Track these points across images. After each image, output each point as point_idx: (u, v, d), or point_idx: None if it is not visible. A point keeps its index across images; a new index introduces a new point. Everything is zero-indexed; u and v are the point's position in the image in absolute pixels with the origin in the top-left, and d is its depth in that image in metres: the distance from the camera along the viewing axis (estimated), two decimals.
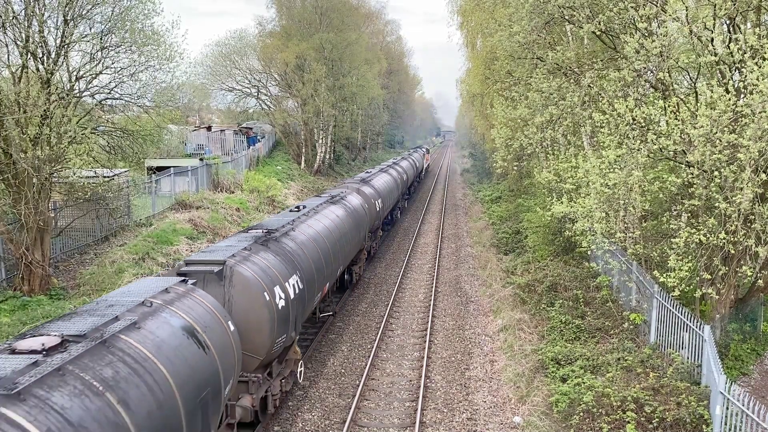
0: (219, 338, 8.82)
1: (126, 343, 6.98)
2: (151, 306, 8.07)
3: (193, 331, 8.23)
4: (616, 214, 15.00)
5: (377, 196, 26.74)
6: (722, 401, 9.45)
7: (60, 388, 5.78)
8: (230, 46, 51.21)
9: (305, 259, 14.06)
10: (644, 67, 14.55)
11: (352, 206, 21.39)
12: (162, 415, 6.80)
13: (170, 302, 8.51)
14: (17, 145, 15.73)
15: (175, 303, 8.56)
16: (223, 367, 8.62)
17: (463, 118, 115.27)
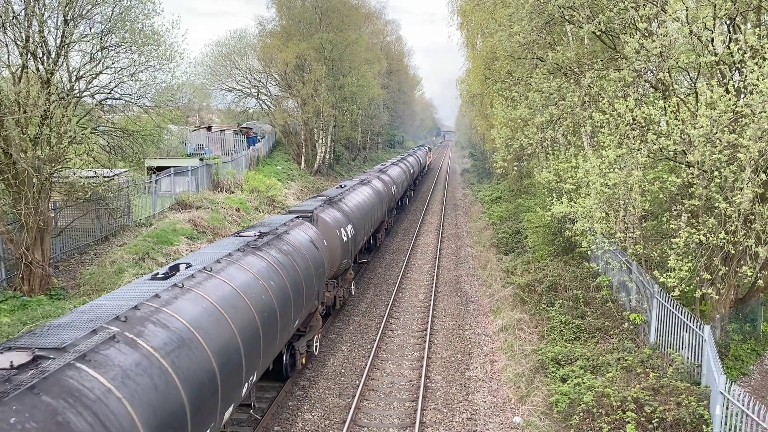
0: (322, 247, 15.92)
1: (294, 235, 14.61)
2: (292, 225, 15.39)
3: (311, 240, 15.43)
4: (616, 214, 15.01)
5: (392, 183, 33.05)
6: (722, 401, 9.45)
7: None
8: (230, 46, 51.28)
9: (353, 216, 20.43)
10: (644, 67, 14.55)
11: (377, 188, 27.87)
12: (311, 270, 14.03)
13: (298, 224, 15.76)
14: (17, 145, 15.73)
15: (300, 225, 15.72)
16: (325, 261, 15.78)
17: (463, 118, 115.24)
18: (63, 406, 5.50)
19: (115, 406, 6.05)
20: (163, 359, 7.17)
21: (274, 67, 51.08)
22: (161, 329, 7.64)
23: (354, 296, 21.56)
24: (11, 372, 5.68)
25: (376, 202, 26.14)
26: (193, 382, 7.51)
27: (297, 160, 52.25)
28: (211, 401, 8.06)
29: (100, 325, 7.06)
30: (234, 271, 10.59)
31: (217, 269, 10.31)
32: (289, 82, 50.83)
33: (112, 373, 6.33)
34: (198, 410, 7.54)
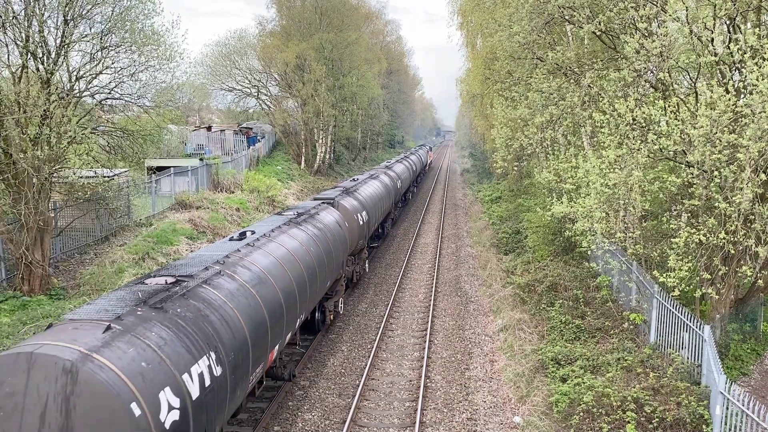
0: (344, 227, 19.12)
1: (323, 216, 17.61)
2: (320, 208, 18.46)
3: (336, 221, 18.52)
4: (616, 214, 15.02)
5: (398, 179, 37.22)
6: (722, 401, 9.45)
7: None
8: (230, 46, 51.27)
9: (367, 204, 23.61)
10: (644, 67, 14.55)
11: (385, 182, 30.95)
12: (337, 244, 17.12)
13: (324, 208, 18.80)
14: (17, 145, 15.73)
15: (326, 209, 18.88)
16: (347, 238, 19.13)
17: (463, 118, 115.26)
18: (203, 306, 8.73)
19: (230, 311, 9.26)
20: (252, 288, 10.48)
21: (274, 67, 51.07)
22: (246, 270, 10.97)
23: (354, 296, 21.57)
24: (167, 286, 8.96)
25: (384, 195, 29.40)
26: (270, 307, 10.79)
27: (297, 160, 52.24)
28: (280, 323, 11.32)
29: (208, 265, 10.33)
30: (285, 238, 13.96)
31: (274, 236, 13.70)
32: (289, 82, 50.83)
33: (224, 292, 9.56)
34: (273, 327, 10.86)
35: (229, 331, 8.93)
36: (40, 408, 6.15)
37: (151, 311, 7.78)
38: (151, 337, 7.23)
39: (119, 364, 6.46)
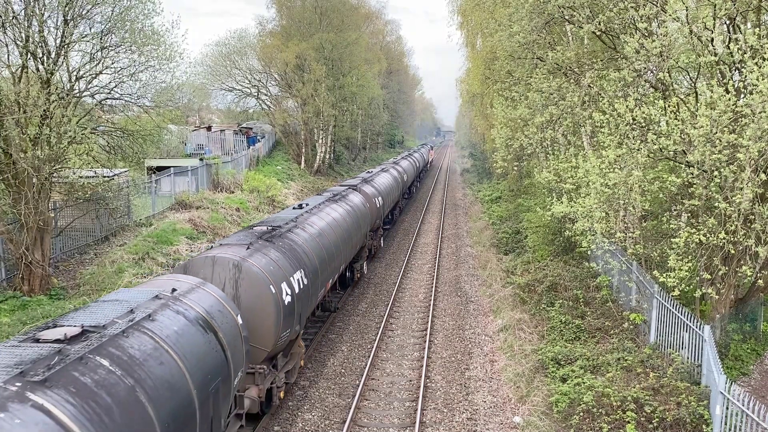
0: (366, 207, 23.21)
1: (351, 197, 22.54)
2: (347, 192, 23.24)
3: (361, 201, 23.24)
4: (616, 214, 15.02)
5: (404, 172, 42.32)
6: (722, 401, 9.45)
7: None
8: (230, 46, 51.24)
9: (381, 191, 28.88)
10: (644, 67, 14.55)
11: (394, 175, 36.65)
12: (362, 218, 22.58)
13: (351, 192, 23.65)
14: (17, 145, 15.73)
15: (352, 193, 23.65)
16: (368, 215, 23.51)
17: (463, 118, 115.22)
18: (292, 243, 13.83)
19: (306, 249, 14.37)
20: (316, 238, 15.72)
21: (274, 67, 51.05)
22: (310, 226, 16.13)
23: (354, 296, 21.58)
24: (270, 230, 14.13)
25: (394, 185, 34.82)
26: (326, 252, 16.02)
27: (297, 160, 52.24)
28: (330, 266, 16.32)
29: (288, 221, 15.47)
30: (329, 210, 19.16)
31: (322, 207, 19.03)
32: (289, 82, 50.82)
33: (300, 239, 14.61)
34: (328, 266, 15.99)
35: (308, 260, 14.18)
36: (221, 285, 11.13)
37: (266, 242, 12.95)
38: (270, 254, 12.41)
39: (260, 264, 11.74)
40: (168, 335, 7.55)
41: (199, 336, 8.24)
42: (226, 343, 8.85)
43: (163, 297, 8.50)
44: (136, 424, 6.12)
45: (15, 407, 5.09)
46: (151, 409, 6.41)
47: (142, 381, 6.53)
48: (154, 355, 7.04)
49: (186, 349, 7.68)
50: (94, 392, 5.84)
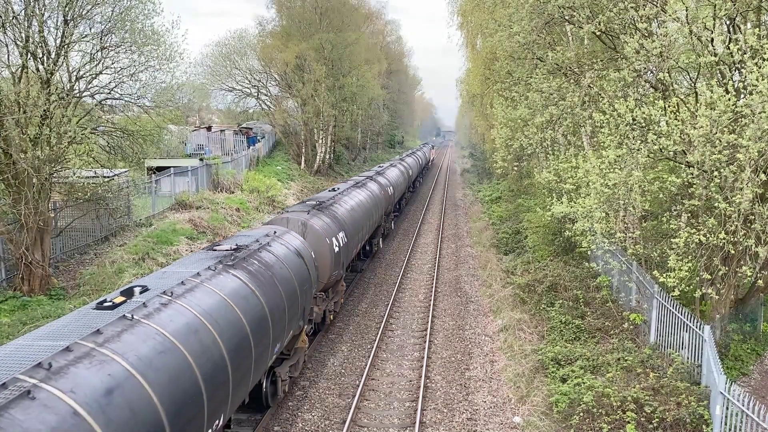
0: (382, 192, 28.22)
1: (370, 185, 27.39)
2: (367, 181, 28.01)
3: (377, 188, 28.21)
4: (616, 214, 15.01)
5: (409, 168, 47.43)
6: (722, 401, 9.45)
7: None
8: (230, 46, 51.26)
9: (392, 183, 33.60)
10: (644, 67, 14.55)
11: (401, 169, 41.52)
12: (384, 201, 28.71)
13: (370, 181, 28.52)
14: (17, 145, 15.72)
15: (370, 182, 28.12)
16: (387, 200, 30.04)
17: (463, 118, 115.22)
18: (335, 212, 18.76)
19: (347, 217, 19.67)
20: (349, 212, 20.26)
21: (274, 67, 51.06)
22: (345, 204, 20.64)
23: (354, 296, 21.58)
24: (315, 204, 18.21)
25: (401, 178, 40.22)
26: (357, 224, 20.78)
27: (297, 160, 52.23)
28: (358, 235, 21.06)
29: (327, 200, 19.40)
30: (356, 193, 23.60)
31: (350, 191, 23.28)
32: (289, 82, 50.82)
33: (340, 211, 19.25)
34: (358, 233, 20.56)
35: (346, 225, 18.86)
36: None
37: (318, 211, 17.49)
38: (323, 218, 17.13)
39: (318, 224, 16.57)
40: (279, 255, 12.59)
41: (295, 259, 13.29)
42: (309, 266, 13.93)
43: (271, 235, 13.49)
44: (274, 293, 11.23)
45: (224, 275, 10.18)
46: (281, 288, 11.65)
47: (275, 274, 11.79)
48: (276, 264, 12.15)
49: (290, 264, 12.81)
50: (255, 273, 10.99)
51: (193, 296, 8.83)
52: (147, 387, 6.62)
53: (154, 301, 8.17)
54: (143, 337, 7.20)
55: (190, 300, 8.64)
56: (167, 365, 7.18)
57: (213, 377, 8.01)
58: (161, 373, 6.99)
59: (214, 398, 8.01)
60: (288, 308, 11.81)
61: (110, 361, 6.48)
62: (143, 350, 6.99)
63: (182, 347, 7.58)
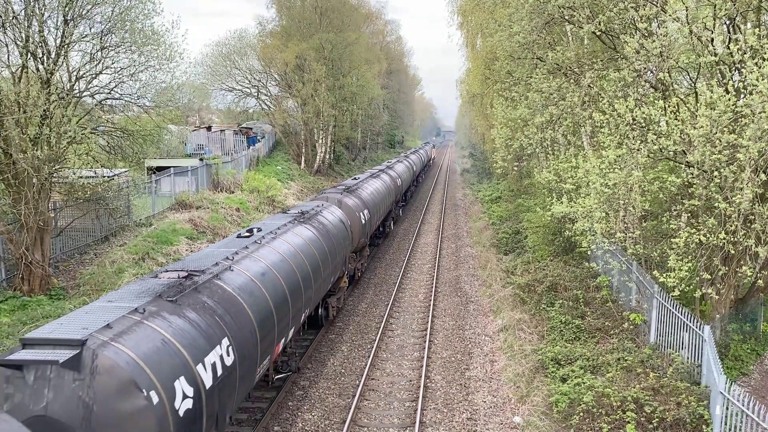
0: (395, 182, 35.80)
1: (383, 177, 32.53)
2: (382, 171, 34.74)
3: (389, 179, 33.79)
4: (616, 214, 15.01)
5: (413, 164, 52.94)
6: (722, 401, 9.45)
7: None
8: (230, 46, 51.23)
9: (400, 176, 39.06)
10: (644, 67, 14.55)
11: (407, 165, 46.81)
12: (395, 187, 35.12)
13: (384, 172, 34.93)
14: (17, 145, 15.72)
15: (385, 173, 34.80)
16: (397, 188, 36.03)
17: (463, 118, 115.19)
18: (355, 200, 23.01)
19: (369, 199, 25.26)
20: (371, 196, 25.86)
21: (274, 67, 51.04)
22: (364, 190, 25.66)
23: (354, 296, 21.58)
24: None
25: (408, 173, 45.39)
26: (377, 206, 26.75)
27: (297, 160, 52.23)
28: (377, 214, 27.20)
29: (353, 186, 25.08)
30: (372, 181, 28.27)
31: (367, 179, 28.48)
32: (289, 82, 50.81)
33: (364, 193, 24.92)
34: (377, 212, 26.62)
35: (369, 204, 24.04)
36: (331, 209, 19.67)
37: (348, 193, 22.78)
38: (353, 198, 22.80)
39: (351, 201, 22.35)
40: (329, 219, 18.01)
41: (339, 223, 18.71)
42: (347, 230, 19.27)
43: (321, 206, 19.05)
44: (329, 242, 15.92)
45: (301, 227, 15.61)
46: (333, 241, 16.60)
47: (329, 231, 16.87)
48: (328, 224, 17.35)
49: (336, 226, 18.19)
50: (317, 228, 16.33)
51: (286, 236, 14.31)
52: (278, 275, 12.05)
53: (269, 235, 13.68)
54: (270, 252, 12.63)
55: (285, 237, 14.16)
56: (285, 268, 12.57)
57: (306, 281, 13.61)
58: (284, 267, 12.55)
59: (308, 291, 13.70)
60: (336, 255, 17.21)
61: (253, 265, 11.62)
62: (273, 258, 12.43)
63: (293, 261, 13.24)
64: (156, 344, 7.33)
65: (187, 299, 8.63)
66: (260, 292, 10.70)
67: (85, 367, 6.60)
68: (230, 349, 8.73)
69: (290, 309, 12.02)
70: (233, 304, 9.52)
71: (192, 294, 8.86)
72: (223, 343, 8.56)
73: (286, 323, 11.92)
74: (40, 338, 6.93)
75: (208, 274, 9.85)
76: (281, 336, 11.65)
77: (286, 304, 11.76)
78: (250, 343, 9.62)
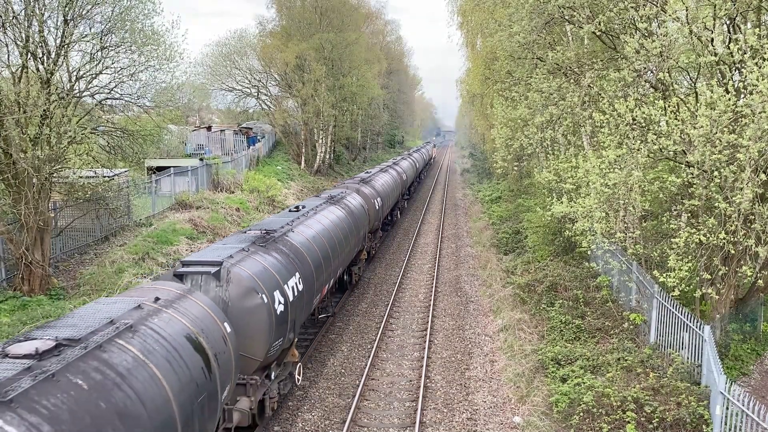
0: (398, 177, 37.36)
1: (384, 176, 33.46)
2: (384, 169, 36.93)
3: (395, 175, 36.57)
4: (616, 214, 15.01)
5: (415, 163, 54.32)
6: (722, 401, 9.45)
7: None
8: (230, 46, 51.22)
9: (405, 171, 42.89)
10: (644, 67, 14.55)
11: (410, 162, 50.37)
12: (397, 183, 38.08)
13: (386, 170, 35.88)
14: (17, 145, 15.72)
15: (387, 171, 36.08)
16: (401, 184, 38.58)
17: (463, 118, 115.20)
18: (369, 189, 26.88)
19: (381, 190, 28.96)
20: (381, 186, 29.25)
21: (274, 67, 51.03)
22: (376, 182, 29.33)
23: (354, 296, 21.58)
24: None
25: (412, 169, 48.73)
26: (388, 195, 30.53)
27: (297, 160, 52.23)
28: (389, 199, 31.05)
29: (366, 177, 29.29)
30: (382, 174, 32.57)
31: (378, 173, 32.79)
32: (289, 82, 50.80)
33: (377, 184, 29.04)
34: (389, 198, 31.17)
35: (381, 194, 27.87)
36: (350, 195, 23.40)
37: (363, 183, 26.90)
38: (367, 187, 26.45)
39: (366, 190, 25.94)
40: (352, 202, 21.99)
41: (359, 206, 22.22)
42: (365, 212, 22.38)
43: (344, 192, 22.83)
44: (354, 220, 20.99)
45: (333, 207, 19.93)
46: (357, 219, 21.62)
47: (353, 211, 21.49)
48: (351, 206, 21.44)
49: (358, 207, 22.21)
50: (344, 208, 20.79)
51: (324, 212, 18.25)
52: (323, 239, 16.10)
53: (311, 211, 17.61)
54: (314, 222, 16.64)
55: (323, 213, 18.09)
56: (325, 235, 16.47)
57: (340, 246, 17.46)
58: (325, 234, 16.51)
59: (341, 254, 17.66)
60: (359, 231, 20.81)
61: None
62: (317, 227, 16.49)
63: (330, 231, 17.12)
64: (261, 268, 11.28)
65: (271, 246, 12.75)
66: (313, 248, 14.91)
67: (223, 278, 10.35)
68: (300, 280, 12.83)
69: (331, 263, 16.16)
70: (298, 253, 13.65)
71: (273, 243, 12.99)
72: (296, 275, 12.62)
73: (329, 273, 16.06)
74: (193, 260, 10.78)
75: (280, 232, 14.08)
76: (326, 282, 15.78)
77: (328, 259, 15.90)
78: (310, 280, 13.68)
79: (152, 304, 8.03)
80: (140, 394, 6.48)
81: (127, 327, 7.12)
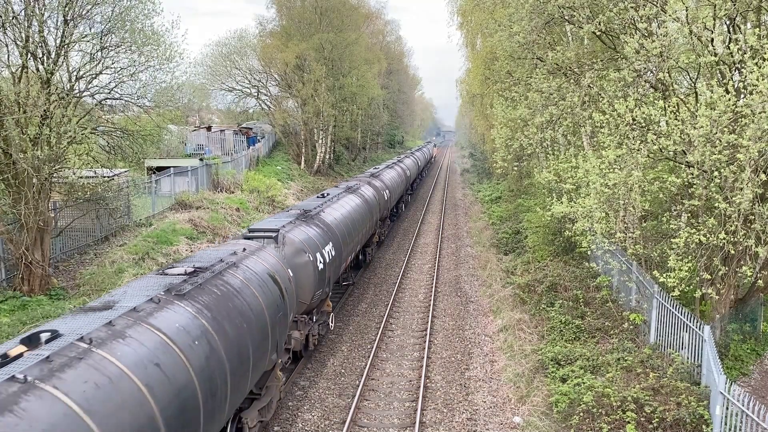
0: (404, 173, 41.64)
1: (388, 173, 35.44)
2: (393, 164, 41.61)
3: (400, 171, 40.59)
4: (616, 214, 15.01)
5: (417, 162, 56.53)
6: (722, 401, 9.45)
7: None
8: (230, 46, 51.23)
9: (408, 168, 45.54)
10: (644, 67, 14.55)
11: (414, 160, 53.37)
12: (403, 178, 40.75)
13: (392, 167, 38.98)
14: (17, 145, 15.72)
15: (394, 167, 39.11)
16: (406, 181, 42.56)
17: (463, 118, 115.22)
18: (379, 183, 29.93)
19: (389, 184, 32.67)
20: (389, 181, 33.05)
21: (274, 67, 51.03)
22: (383, 177, 32.39)
23: (354, 296, 21.58)
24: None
25: (414, 167, 51.32)
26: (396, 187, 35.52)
27: (297, 160, 52.22)
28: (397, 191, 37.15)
29: (376, 171, 33.64)
30: (387, 170, 36.11)
31: (384, 170, 35.52)
32: (289, 82, 50.80)
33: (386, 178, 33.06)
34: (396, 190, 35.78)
35: (390, 186, 31.72)
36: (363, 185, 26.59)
37: (374, 177, 30.17)
38: (378, 180, 29.68)
39: (377, 183, 29.03)
40: (367, 192, 25.31)
41: (372, 197, 25.33)
42: (377, 202, 25.09)
43: (360, 184, 26.11)
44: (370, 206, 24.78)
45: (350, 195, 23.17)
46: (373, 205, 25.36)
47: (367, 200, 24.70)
48: (366, 196, 24.71)
49: (371, 197, 25.37)
50: (360, 196, 24.18)
51: (344, 199, 21.39)
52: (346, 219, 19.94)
53: (335, 197, 20.94)
54: (338, 206, 20.06)
55: (344, 200, 21.27)
56: (347, 217, 19.77)
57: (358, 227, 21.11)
58: (347, 216, 19.89)
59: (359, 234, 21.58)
60: (372, 216, 24.07)
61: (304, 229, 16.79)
62: (341, 210, 19.83)
63: (352, 213, 20.63)
64: (306, 235, 14.75)
65: (310, 221, 16.14)
66: (339, 225, 18.33)
67: (280, 241, 13.63)
68: (332, 248, 16.24)
69: (353, 239, 19.65)
70: (329, 227, 17.08)
71: (310, 219, 16.30)
72: (329, 244, 16.08)
73: (352, 247, 19.68)
74: (257, 228, 14.44)
75: (315, 211, 17.44)
76: (349, 254, 19.34)
77: (351, 235, 19.35)
78: (339, 249, 17.03)
79: (242, 252, 11.30)
80: (248, 303, 9.64)
81: (232, 263, 10.30)
